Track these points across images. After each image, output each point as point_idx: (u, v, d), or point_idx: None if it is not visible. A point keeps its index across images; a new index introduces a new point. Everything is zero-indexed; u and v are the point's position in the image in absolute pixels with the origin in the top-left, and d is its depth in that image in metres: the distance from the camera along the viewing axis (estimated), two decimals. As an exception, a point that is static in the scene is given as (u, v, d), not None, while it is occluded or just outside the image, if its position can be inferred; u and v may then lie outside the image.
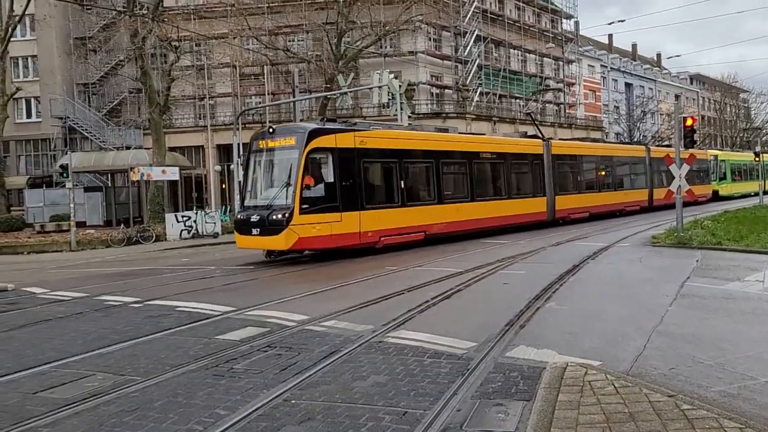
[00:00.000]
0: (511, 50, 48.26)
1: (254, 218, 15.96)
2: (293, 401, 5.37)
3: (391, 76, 24.57)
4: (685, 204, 20.36)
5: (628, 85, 72.14)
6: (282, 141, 16.42)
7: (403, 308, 9.03)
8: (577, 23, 59.17)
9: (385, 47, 39.53)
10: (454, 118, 38.61)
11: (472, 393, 5.44)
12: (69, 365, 6.76)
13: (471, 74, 42.66)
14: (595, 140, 34.42)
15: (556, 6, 54.58)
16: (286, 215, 15.44)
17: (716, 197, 41.50)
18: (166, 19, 32.43)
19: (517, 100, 48.90)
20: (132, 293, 11.74)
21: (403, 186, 18.32)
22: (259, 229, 15.83)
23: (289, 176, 15.96)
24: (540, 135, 26.49)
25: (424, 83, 40.57)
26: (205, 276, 14.26)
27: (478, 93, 43.04)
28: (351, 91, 28.08)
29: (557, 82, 54.41)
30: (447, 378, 5.85)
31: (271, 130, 16.85)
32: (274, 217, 15.57)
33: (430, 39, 41.79)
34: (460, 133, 23.69)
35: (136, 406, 5.36)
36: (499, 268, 13.18)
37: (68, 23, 39.70)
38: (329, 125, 17.43)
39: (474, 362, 6.30)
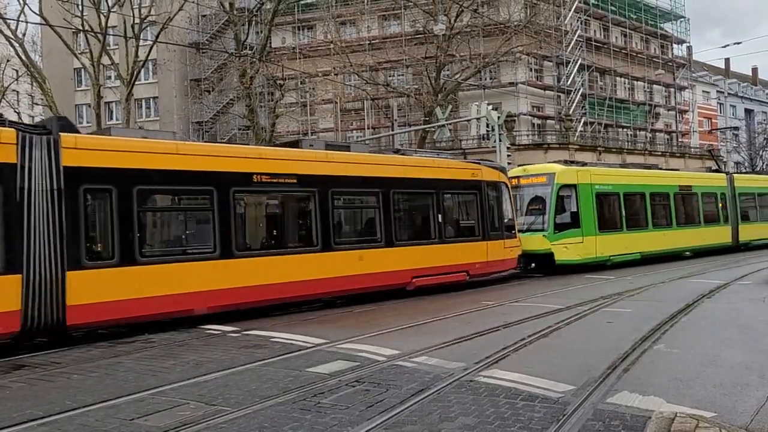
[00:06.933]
0: (618, 78, 46.69)
1: None
2: (377, 441, 5.21)
3: (490, 107, 24.41)
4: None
5: (748, 112, 67.72)
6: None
7: (498, 346, 8.67)
8: (689, 48, 56.47)
9: (485, 79, 39.37)
10: (557, 149, 37.61)
11: (567, 442, 5.07)
12: (165, 393, 6.95)
13: (574, 104, 41.58)
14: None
15: (666, 31, 52.34)
16: None
17: None
18: (272, 59, 34.05)
19: (624, 130, 47.09)
20: (231, 322, 12.01)
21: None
22: None
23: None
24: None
25: (524, 114, 39.94)
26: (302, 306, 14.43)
27: (582, 123, 41.83)
28: (449, 124, 28.09)
29: (668, 110, 51.95)
30: (540, 424, 5.49)
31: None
32: None
33: (531, 69, 41.21)
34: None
35: (223, 438, 5.40)
36: (602, 306, 12.47)
37: (185, 66, 42.55)
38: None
39: (571, 407, 5.89)
